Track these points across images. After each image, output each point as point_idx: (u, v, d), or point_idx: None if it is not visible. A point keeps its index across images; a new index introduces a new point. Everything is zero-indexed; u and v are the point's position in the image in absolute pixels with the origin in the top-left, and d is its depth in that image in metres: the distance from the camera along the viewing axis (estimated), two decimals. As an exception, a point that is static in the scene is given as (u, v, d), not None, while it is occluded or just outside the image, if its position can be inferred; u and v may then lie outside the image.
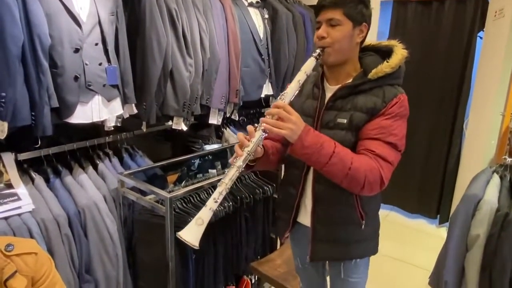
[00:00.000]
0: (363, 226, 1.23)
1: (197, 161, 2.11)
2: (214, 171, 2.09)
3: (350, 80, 1.18)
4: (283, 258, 1.96)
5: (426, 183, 3.31)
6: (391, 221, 3.41)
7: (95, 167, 1.73)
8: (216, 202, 1.01)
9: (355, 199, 1.20)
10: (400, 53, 1.16)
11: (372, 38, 1.28)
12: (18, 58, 1.27)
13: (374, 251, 1.33)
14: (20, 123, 1.32)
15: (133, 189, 1.72)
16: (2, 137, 1.33)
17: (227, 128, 2.59)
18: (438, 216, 3.30)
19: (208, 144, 2.39)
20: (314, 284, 1.51)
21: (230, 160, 1.08)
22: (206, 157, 2.16)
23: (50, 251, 1.42)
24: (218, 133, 2.59)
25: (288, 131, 1.03)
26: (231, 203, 1.84)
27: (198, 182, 1.81)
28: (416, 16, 3.15)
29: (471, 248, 1.59)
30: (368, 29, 1.17)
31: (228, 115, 2.34)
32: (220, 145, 2.41)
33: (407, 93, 1.17)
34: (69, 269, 1.49)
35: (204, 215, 1.00)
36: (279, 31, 2.52)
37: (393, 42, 1.21)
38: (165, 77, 1.81)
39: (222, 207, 1.79)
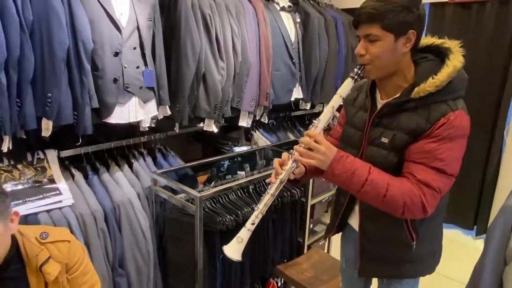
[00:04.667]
0: (414, 248, 1.15)
1: (226, 163, 2.15)
2: (243, 172, 2.12)
3: (399, 94, 1.08)
4: (310, 262, 1.94)
5: (463, 192, 3.16)
6: (424, 230, 3.29)
7: (130, 166, 1.81)
8: (253, 224, 1.08)
9: (404, 220, 1.12)
10: (452, 64, 1.02)
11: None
12: (63, 61, 1.36)
13: (429, 271, 1.25)
14: (63, 122, 1.41)
15: (165, 187, 1.78)
16: (47, 135, 1.42)
17: (256, 131, 2.62)
18: (475, 227, 3.15)
19: (238, 146, 2.43)
20: (354, 287, 1.47)
21: (268, 180, 1.11)
22: (236, 159, 2.20)
23: (87, 244, 1.50)
24: (247, 135, 2.62)
25: (317, 161, 1.03)
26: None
27: (227, 183, 1.84)
28: (454, 19, 3.03)
29: (510, 261, 1.51)
30: (420, 33, 1.04)
31: (257, 118, 2.36)
32: (249, 147, 2.44)
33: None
34: (103, 262, 1.56)
35: (243, 235, 1.09)
36: (311, 35, 2.52)
37: (453, 46, 1.07)
38: (198, 80, 1.87)
39: (249, 209, 1.80)
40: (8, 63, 1.26)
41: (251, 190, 1.95)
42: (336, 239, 2.61)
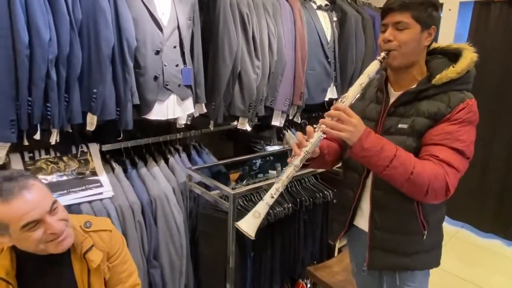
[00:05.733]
0: (424, 237, 1.17)
1: (258, 161, 2.16)
2: (274, 172, 2.12)
3: (415, 85, 1.14)
4: (341, 265, 1.91)
5: (504, 200, 2.99)
6: (462, 239, 3.15)
7: (166, 161, 1.86)
8: (272, 197, 1.04)
9: (417, 207, 1.14)
10: (469, 57, 1.10)
11: (449, 41, 1.22)
12: (108, 58, 1.41)
13: (435, 264, 1.26)
14: (107, 117, 1.47)
15: (199, 183, 1.81)
16: (92, 129, 1.49)
17: (288, 131, 2.60)
18: (517, 238, 2.97)
19: (270, 145, 2.43)
20: None
21: (288, 159, 1.09)
22: (268, 158, 2.20)
23: (124, 235, 1.55)
24: (279, 135, 2.61)
25: (348, 134, 1.02)
26: (290, 205, 1.85)
27: (259, 181, 1.85)
28: (501, 18, 2.87)
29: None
30: (437, 32, 1.13)
31: (290, 117, 2.35)
32: (281, 146, 2.43)
33: (487, 104, 1.10)
34: (139, 253, 1.62)
35: (261, 209, 1.04)
36: (348, 34, 2.48)
37: (463, 45, 1.15)
38: (234, 78, 1.88)
39: (281, 208, 1.80)
40: (58, 60, 1.32)
41: (283, 189, 1.95)
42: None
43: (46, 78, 1.30)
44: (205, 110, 1.88)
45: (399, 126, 1.13)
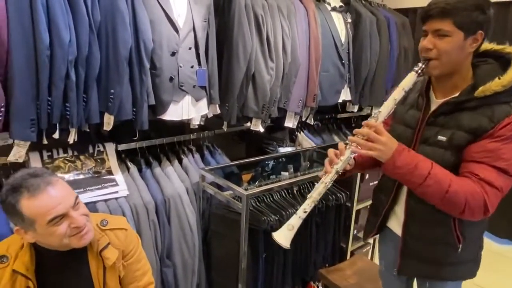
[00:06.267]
0: (459, 250, 1.14)
1: (271, 163, 2.16)
2: (286, 173, 2.11)
3: (457, 94, 1.07)
4: (353, 269, 1.90)
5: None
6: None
7: (180, 161, 1.87)
8: (305, 212, 1.08)
9: (453, 221, 1.12)
10: None
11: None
12: (126, 59, 1.43)
13: (470, 275, 1.23)
14: (123, 117, 1.49)
15: (212, 184, 1.82)
16: (108, 129, 1.51)
17: (301, 132, 2.60)
18: (535, 245, 2.90)
19: (282, 146, 2.42)
20: None
21: (320, 174, 1.12)
22: (280, 159, 2.20)
23: (139, 234, 1.56)
24: (291, 136, 2.61)
25: (378, 152, 1.01)
26: (303, 206, 1.84)
27: (272, 183, 1.85)
28: (520, 19, 2.81)
29: None
30: (486, 35, 1.04)
31: (304, 119, 2.35)
32: (294, 148, 2.43)
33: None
34: (153, 252, 1.63)
35: (295, 222, 1.09)
36: (362, 35, 2.46)
37: None
38: (248, 80, 1.89)
39: (293, 210, 1.80)
40: (78, 61, 1.34)
41: (295, 191, 1.95)
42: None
43: (66, 79, 1.32)
44: (218, 111, 1.89)
45: (438, 138, 1.08)
